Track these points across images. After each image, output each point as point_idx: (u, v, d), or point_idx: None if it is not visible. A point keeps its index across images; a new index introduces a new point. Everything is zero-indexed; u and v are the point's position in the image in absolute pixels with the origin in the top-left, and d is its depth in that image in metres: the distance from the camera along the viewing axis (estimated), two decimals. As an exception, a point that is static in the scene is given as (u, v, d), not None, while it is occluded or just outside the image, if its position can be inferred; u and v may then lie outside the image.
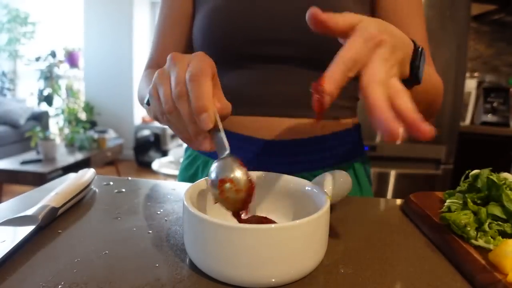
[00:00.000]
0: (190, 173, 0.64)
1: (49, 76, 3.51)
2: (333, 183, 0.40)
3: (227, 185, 0.32)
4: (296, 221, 0.28)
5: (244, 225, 0.28)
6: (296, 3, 0.53)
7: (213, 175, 0.33)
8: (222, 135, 0.33)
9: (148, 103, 0.38)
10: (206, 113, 0.30)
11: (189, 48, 0.63)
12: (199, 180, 0.38)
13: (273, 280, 0.29)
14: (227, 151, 0.33)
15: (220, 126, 0.33)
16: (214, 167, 0.33)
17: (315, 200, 0.36)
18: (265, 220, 0.38)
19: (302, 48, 0.54)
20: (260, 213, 0.40)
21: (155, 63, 0.63)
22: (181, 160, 0.70)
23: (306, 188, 0.38)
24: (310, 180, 0.40)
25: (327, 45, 0.54)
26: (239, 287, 0.29)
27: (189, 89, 0.31)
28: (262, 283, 0.29)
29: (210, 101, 0.31)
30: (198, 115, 0.31)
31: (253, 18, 0.54)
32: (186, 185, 0.56)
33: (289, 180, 0.40)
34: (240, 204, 0.33)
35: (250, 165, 0.56)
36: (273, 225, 0.29)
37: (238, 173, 0.32)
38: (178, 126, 0.34)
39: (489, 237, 0.34)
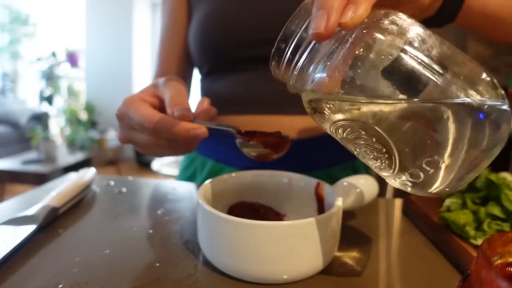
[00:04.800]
0: (188, 173, 0.64)
1: (50, 77, 3.51)
2: (355, 187, 0.39)
3: (259, 156, 0.35)
4: (309, 219, 0.29)
5: (257, 222, 0.29)
6: (290, 3, 0.53)
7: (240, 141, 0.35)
8: (217, 125, 0.35)
9: None
10: (192, 130, 0.32)
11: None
12: (211, 179, 0.38)
13: (285, 276, 0.29)
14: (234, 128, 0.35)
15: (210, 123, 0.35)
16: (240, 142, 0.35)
17: (328, 200, 0.36)
18: (278, 217, 0.39)
19: None
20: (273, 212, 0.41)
21: (161, 74, 0.64)
22: (181, 160, 0.71)
23: (320, 188, 0.39)
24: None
25: None
26: (251, 283, 0.30)
27: (161, 134, 0.33)
28: (274, 279, 0.30)
29: (180, 123, 0.33)
30: (187, 136, 0.32)
31: (245, 20, 0.54)
32: (187, 185, 0.56)
33: (299, 178, 0.40)
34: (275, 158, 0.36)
35: (247, 165, 0.57)
36: (286, 222, 0.29)
37: (258, 148, 0.35)
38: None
39: (488, 237, 0.34)
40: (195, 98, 0.71)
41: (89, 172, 0.52)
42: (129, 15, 3.87)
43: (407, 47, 0.22)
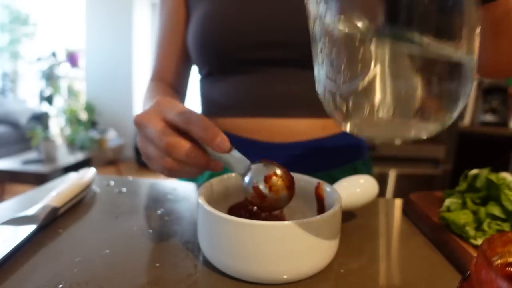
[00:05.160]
0: None
1: (50, 77, 3.51)
2: (355, 187, 0.39)
3: (274, 178, 0.33)
4: (309, 219, 0.29)
5: (257, 222, 0.29)
6: (289, 5, 0.53)
7: (248, 179, 0.33)
8: (236, 151, 0.34)
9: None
10: (220, 137, 0.32)
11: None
12: (210, 180, 0.38)
13: (285, 276, 0.30)
14: (249, 162, 0.34)
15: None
16: (250, 174, 0.33)
17: (328, 200, 0.36)
18: (278, 217, 0.39)
19: (297, 49, 0.54)
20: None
21: (158, 74, 0.64)
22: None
23: (320, 188, 0.38)
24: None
25: None
26: (251, 283, 0.30)
27: (191, 126, 0.32)
28: (274, 279, 0.30)
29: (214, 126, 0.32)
30: (212, 142, 0.32)
31: (245, 22, 0.54)
32: (187, 185, 0.56)
33: (299, 179, 0.40)
34: (279, 203, 0.34)
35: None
36: (286, 222, 0.29)
37: (279, 171, 0.33)
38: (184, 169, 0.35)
39: (488, 237, 0.34)
40: (193, 98, 0.71)
41: (89, 172, 0.51)
42: (129, 15, 3.87)
43: None
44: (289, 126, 0.56)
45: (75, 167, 2.61)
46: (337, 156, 0.59)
